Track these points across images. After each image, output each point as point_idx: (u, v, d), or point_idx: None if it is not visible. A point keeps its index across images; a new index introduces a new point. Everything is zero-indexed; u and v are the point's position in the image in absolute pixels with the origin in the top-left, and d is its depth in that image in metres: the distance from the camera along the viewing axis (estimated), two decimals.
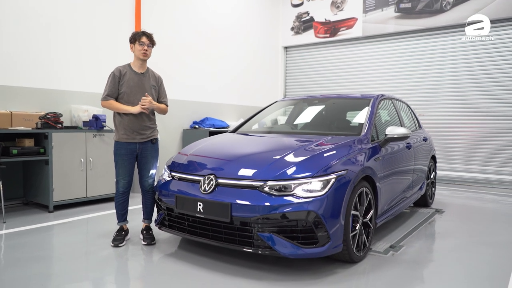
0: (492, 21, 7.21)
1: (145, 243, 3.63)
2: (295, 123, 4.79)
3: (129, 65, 3.65)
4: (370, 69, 8.76)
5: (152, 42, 3.61)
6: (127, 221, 3.78)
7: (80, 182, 5.12)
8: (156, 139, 3.76)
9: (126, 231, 3.75)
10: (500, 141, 7.27)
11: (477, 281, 2.92)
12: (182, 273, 2.98)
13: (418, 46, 8.12)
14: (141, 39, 3.55)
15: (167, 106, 3.85)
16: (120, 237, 3.64)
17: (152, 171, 3.72)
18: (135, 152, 3.62)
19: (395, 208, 4.12)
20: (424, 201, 5.30)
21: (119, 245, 3.57)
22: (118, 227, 3.75)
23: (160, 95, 3.79)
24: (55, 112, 5.00)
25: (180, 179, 3.35)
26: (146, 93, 3.56)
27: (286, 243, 2.78)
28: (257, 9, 9.33)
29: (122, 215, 3.71)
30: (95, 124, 5.30)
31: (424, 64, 8.03)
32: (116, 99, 3.56)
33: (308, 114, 4.74)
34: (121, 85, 3.55)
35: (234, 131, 4.54)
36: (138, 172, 3.73)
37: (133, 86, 3.56)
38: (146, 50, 3.56)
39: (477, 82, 7.46)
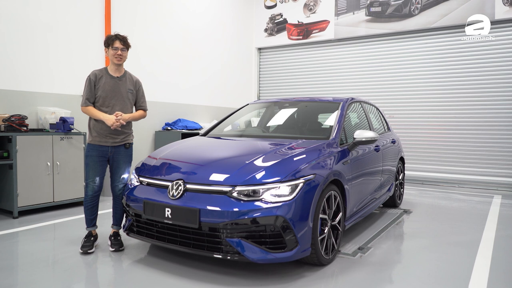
0: (455, 26, 7.48)
1: (113, 249, 3.56)
2: (266, 126, 4.80)
3: (105, 68, 3.58)
4: (342, 71, 8.90)
5: (126, 45, 3.55)
6: (96, 226, 3.69)
7: (47, 186, 4.97)
8: (130, 144, 3.71)
9: (95, 237, 3.68)
10: (467, 142, 7.54)
11: (441, 281, 3.01)
12: (151, 280, 2.94)
13: (387, 49, 8.31)
14: (114, 44, 3.48)
15: (146, 110, 3.82)
16: (89, 243, 3.54)
17: (124, 176, 3.65)
18: (107, 155, 3.56)
19: (364, 210, 4.20)
20: (392, 202, 5.43)
21: (88, 251, 3.47)
22: (86, 232, 3.65)
23: (138, 100, 3.75)
24: (19, 115, 4.84)
25: (148, 184, 3.30)
26: (117, 113, 3.49)
27: (255, 249, 2.79)
28: (231, 10, 9.31)
29: (91, 220, 3.62)
30: (63, 126, 5.16)
31: (393, 66, 8.23)
32: (93, 103, 3.52)
33: (279, 118, 4.77)
34: (96, 89, 3.49)
35: (205, 134, 4.52)
36: (110, 176, 3.66)
37: (108, 90, 3.51)
38: (120, 55, 3.50)
39: (445, 84, 7.70)
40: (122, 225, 3.59)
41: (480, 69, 7.36)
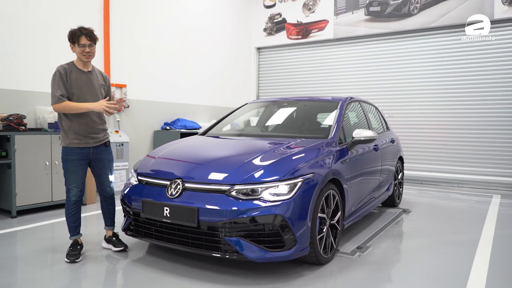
0: (454, 26, 7.48)
1: (120, 248, 3.50)
2: (265, 125, 4.79)
3: (73, 63, 3.31)
4: (341, 70, 8.90)
5: (93, 40, 3.25)
6: (81, 234, 3.46)
7: (45, 186, 4.97)
8: (109, 141, 3.54)
9: (81, 245, 3.42)
10: (466, 142, 7.54)
11: (440, 280, 3.00)
12: (150, 279, 2.94)
13: (387, 49, 8.31)
14: (80, 40, 3.19)
15: None
16: (76, 252, 3.30)
17: (111, 176, 3.55)
18: (88, 157, 3.35)
19: (363, 209, 4.19)
20: (391, 201, 5.42)
21: (76, 260, 3.24)
22: (71, 241, 3.39)
23: (108, 95, 3.53)
24: (18, 114, 4.83)
25: (147, 183, 3.29)
26: (112, 95, 3.40)
27: (253, 247, 2.78)
28: (231, 9, 9.31)
29: (75, 228, 3.37)
30: None
31: (393, 66, 8.23)
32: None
33: (278, 117, 4.76)
34: (68, 85, 3.22)
35: (203, 133, 4.51)
36: (96, 179, 3.51)
37: (81, 85, 3.27)
38: (89, 52, 3.24)
39: (444, 84, 7.70)
40: (122, 226, 3.52)
41: (479, 68, 7.36)
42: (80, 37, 3.20)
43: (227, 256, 2.82)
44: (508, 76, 7.10)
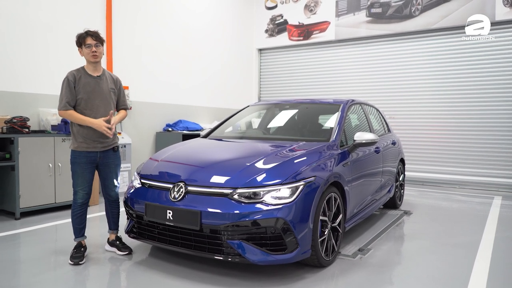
0: (455, 28, 7.50)
1: (125, 252, 3.52)
2: (267, 128, 4.81)
3: (83, 68, 3.39)
4: (343, 72, 8.92)
5: (99, 40, 3.33)
6: (85, 237, 3.49)
7: (49, 188, 4.99)
8: (118, 147, 3.57)
9: (85, 247, 3.47)
10: (468, 143, 7.55)
11: (440, 282, 3.02)
12: (153, 281, 2.96)
13: (388, 50, 8.33)
14: (86, 41, 3.28)
15: (127, 109, 3.69)
16: (80, 254, 3.35)
17: (116, 180, 3.58)
18: (96, 161, 3.41)
19: (364, 211, 4.21)
20: (393, 203, 5.44)
21: (80, 263, 3.29)
22: (74, 243, 3.44)
23: (119, 99, 3.59)
24: (21, 116, 4.86)
25: (150, 186, 3.31)
26: (110, 115, 3.37)
27: (255, 250, 2.81)
28: (231, 10, 9.33)
29: (80, 230, 3.42)
30: (64, 128, 5.18)
31: (394, 67, 8.25)
32: (74, 106, 3.32)
33: (280, 119, 4.78)
34: (77, 91, 3.29)
35: (206, 136, 4.54)
36: (102, 182, 3.55)
37: (90, 91, 3.33)
38: (95, 52, 3.30)
39: (445, 85, 7.71)
40: (125, 228, 3.52)
41: (480, 70, 7.37)
42: (86, 38, 3.30)
43: (229, 259, 2.84)
44: (510, 78, 7.10)
